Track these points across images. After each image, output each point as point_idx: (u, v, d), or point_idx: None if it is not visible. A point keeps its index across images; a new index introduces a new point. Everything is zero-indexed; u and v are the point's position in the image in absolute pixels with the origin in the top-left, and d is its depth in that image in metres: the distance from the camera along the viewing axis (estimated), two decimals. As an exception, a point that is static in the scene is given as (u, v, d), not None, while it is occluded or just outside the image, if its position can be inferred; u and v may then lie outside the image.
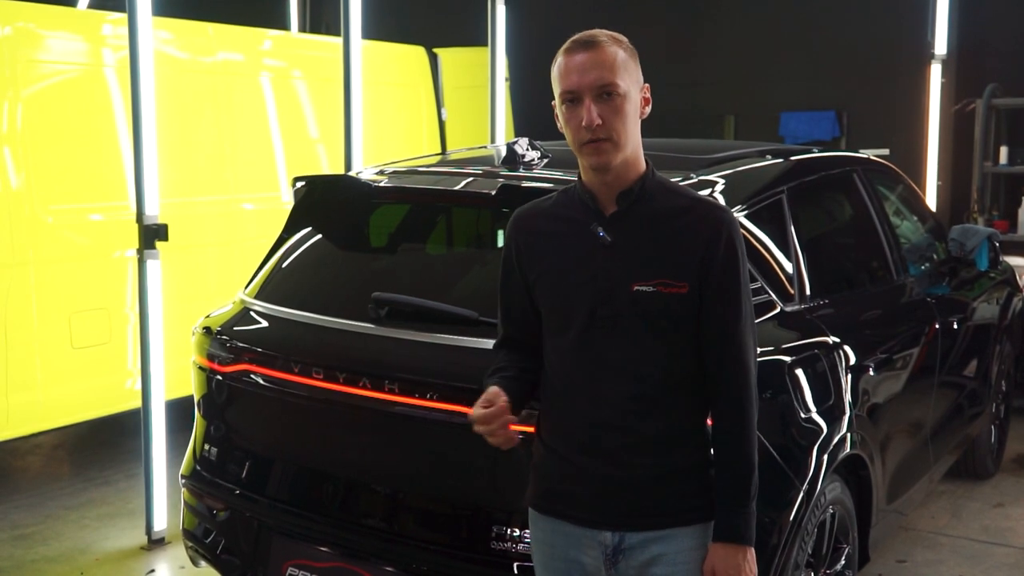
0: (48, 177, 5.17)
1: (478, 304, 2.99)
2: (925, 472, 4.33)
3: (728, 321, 2.23)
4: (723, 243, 2.20)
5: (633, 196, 2.22)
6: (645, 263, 2.19)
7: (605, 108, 2.14)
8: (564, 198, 2.32)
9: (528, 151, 3.59)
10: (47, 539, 4.75)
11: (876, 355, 3.73)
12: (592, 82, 2.14)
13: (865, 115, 8.06)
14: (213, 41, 6.11)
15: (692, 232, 2.21)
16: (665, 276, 2.18)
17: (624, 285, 2.18)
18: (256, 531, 3.25)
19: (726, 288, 2.22)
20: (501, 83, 6.97)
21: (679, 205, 2.25)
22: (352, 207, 3.62)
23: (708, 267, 2.19)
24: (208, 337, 3.43)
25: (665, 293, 2.17)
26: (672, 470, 2.23)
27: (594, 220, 2.23)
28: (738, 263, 2.23)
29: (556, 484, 2.31)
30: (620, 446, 2.22)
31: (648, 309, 2.18)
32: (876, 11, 7.88)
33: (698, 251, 2.19)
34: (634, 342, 2.20)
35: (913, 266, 4.47)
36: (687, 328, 2.21)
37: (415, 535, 2.98)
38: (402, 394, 2.91)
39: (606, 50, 2.16)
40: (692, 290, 2.18)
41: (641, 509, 2.23)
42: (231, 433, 3.43)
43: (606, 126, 2.14)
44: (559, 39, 2.28)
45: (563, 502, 2.30)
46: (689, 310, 2.20)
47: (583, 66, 2.15)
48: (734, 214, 2.28)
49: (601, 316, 2.20)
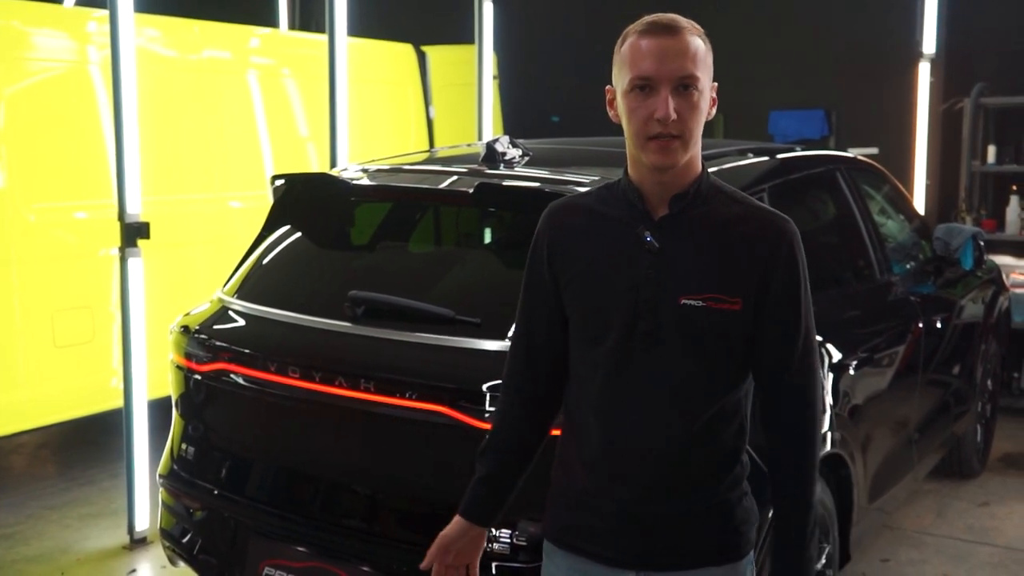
0: (31, 175, 5.15)
1: (456, 303, 2.98)
2: (909, 471, 4.32)
3: (787, 345, 2.01)
4: (784, 257, 1.98)
5: (687, 199, 1.99)
6: (695, 274, 1.96)
7: (682, 102, 1.90)
8: (606, 193, 2.07)
9: (509, 149, 3.58)
10: (28, 539, 4.73)
11: (858, 354, 3.72)
12: (673, 72, 1.90)
13: (854, 114, 8.06)
14: (199, 39, 6.08)
15: (750, 244, 1.97)
16: (717, 290, 1.95)
17: (670, 298, 1.95)
18: (233, 531, 3.23)
19: (786, 308, 1.99)
20: (489, 81, 6.95)
21: (736, 213, 2.01)
22: (331, 205, 3.61)
23: (766, 284, 1.97)
24: (186, 336, 3.41)
25: (715, 309, 1.95)
26: (706, 505, 2.03)
27: (641, 222, 1.99)
28: (799, 278, 2.00)
29: (575, 516, 2.10)
30: (651, 477, 2.00)
31: (695, 326, 1.95)
32: (865, 10, 7.87)
33: (756, 265, 1.97)
34: (676, 362, 1.97)
35: (897, 265, 4.46)
36: (736, 350, 2.00)
37: (392, 535, 2.97)
38: (378, 393, 2.89)
39: (689, 38, 1.92)
40: (746, 308, 1.96)
41: (669, 546, 2.02)
42: (208, 433, 3.41)
43: (680, 122, 1.90)
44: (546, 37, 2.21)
45: (582, 536, 2.08)
46: (741, 330, 1.98)
47: (663, 52, 1.90)
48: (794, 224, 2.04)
49: (642, 331, 1.97)
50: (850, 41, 7.93)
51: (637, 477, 2.01)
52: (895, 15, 7.62)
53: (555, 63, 8.87)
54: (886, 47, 7.75)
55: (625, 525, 2.03)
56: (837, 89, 8.04)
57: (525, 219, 3.29)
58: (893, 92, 7.68)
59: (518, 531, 2.75)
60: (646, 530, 2.03)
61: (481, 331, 2.89)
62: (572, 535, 2.11)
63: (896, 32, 7.61)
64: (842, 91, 8.03)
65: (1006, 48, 7.44)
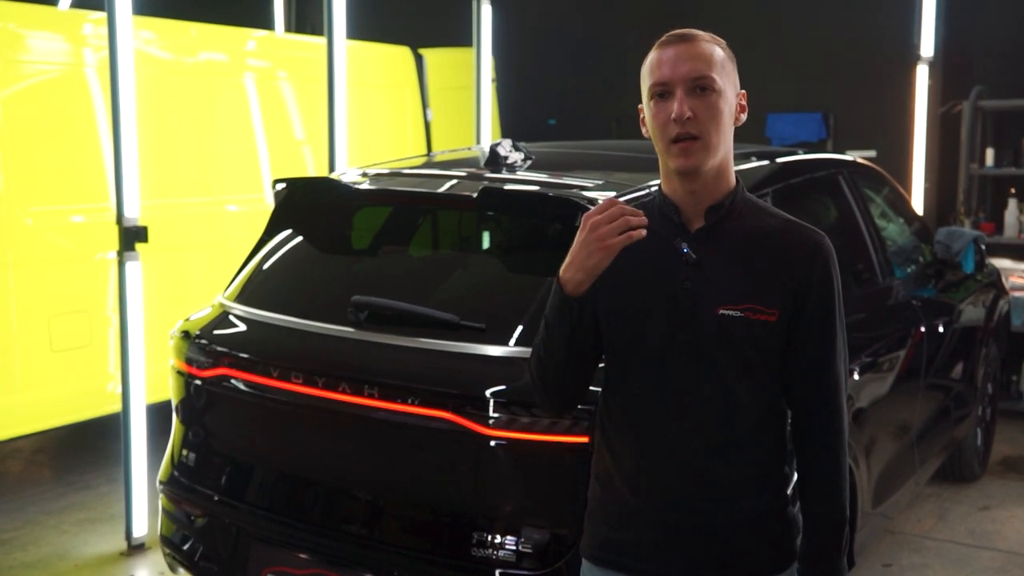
0: (28, 178, 5.12)
1: (459, 308, 2.96)
2: (911, 475, 4.31)
3: (819, 358, 2.02)
4: (819, 270, 2.00)
5: (723, 211, 2.01)
6: (733, 285, 1.98)
7: (698, 103, 1.94)
8: (642, 208, 2.03)
9: (511, 153, 3.56)
10: (25, 545, 4.69)
11: (861, 358, 3.71)
12: (686, 73, 1.94)
13: (852, 117, 8.06)
14: (196, 41, 6.05)
15: (786, 255, 2.00)
16: (755, 301, 1.97)
17: (709, 308, 1.97)
18: (235, 537, 3.20)
19: (819, 321, 2.01)
20: (487, 84, 6.93)
21: (772, 226, 2.04)
22: (333, 209, 3.58)
23: (802, 296, 1.99)
24: (186, 341, 3.39)
25: (753, 320, 1.96)
26: (748, 517, 2.02)
27: (677, 235, 2.01)
28: (833, 294, 2.02)
29: (615, 531, 2.08)
30: (691, 489, 2.01)
31: (733, 336, 1.97)
32: (863, 13, 7.87)
33: (792, 277, 1.98)
34: (714, 372, 1.98)
35: (899, 268, 4.45)
36: (773, 361, 2.01)
37: (395, 541, 2.94)
38: (382, 399, 2.87)
39: (702, 44, 1.98)
40: (782, 319, 1.98)
41: (711, 560, 2.02)
42: (209, 438, 3.39)
43: (697, 121, 1.93)
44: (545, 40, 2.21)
45: (623, 552, 2.07)
46: (777, 341, 1.99)
47: (678, 57, 1.96)
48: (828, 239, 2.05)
49: (680, 341, 1.98)
50: (848, 43, 7.92)
51: (678, 489, 2.02)
52: (893, 18, 7.63)
53: (552, 66, 8.86)
54: (884, 50, 7.76)
55: (669, 538, 2.03)
56: (835, 92, 8.04)
57: (528, 223, 3.31)
58: (891, 95, 7.69)
59: (523, 538, 2.73)
60: (690, 543, 2.02)
61: (485, 336, 2.87)
62: (613, 551, 2.09)
63: (894, 35, 7.61)
64: (840, 94, 8.02)
65: (1004, 51, 7.45)
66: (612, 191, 3.14)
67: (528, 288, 3.03)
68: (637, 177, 3.31)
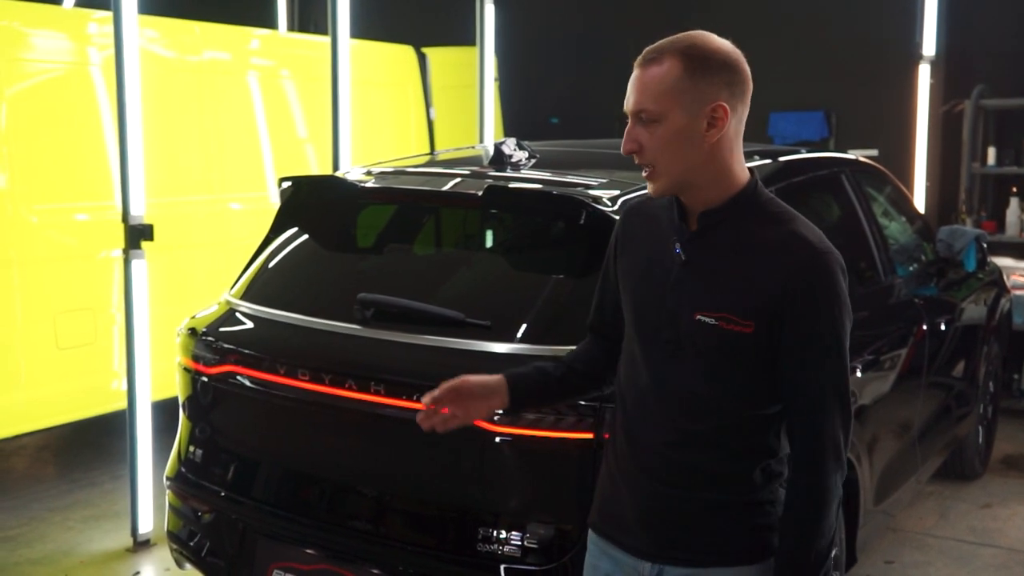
0: (33, 176, 5.14)
1: (465, 305, 2.98)
2: (913, 473, 4.32)
3: (805, 381, 1.97)
4: (803, 287, 1.93)
5: (716, 218, 2.00)
6: (713, 293, 1.98)
7: (644, 133, 1.98)
8: (667, 202, 2.10)
9: (516, 151, 3.58)
10: (31, 541, 4.71)
11: (863, 356, 3.72)
12: (632, 105, 1.99)
13: (854, 116, 8.07)
14: (200, 40, 6.07)
15: (770, 269, 1.95)
16: (730, 311, 1.95)
17: (688, 312, 1.99)
18: (241, 533, 3.22)
19: (804, 341, 1.95)
20: (490, 83, 6.95)
21: (771, 236, 1.98)
22: (338, 208, 3.60)
23: (782, 312, 1.93)
24: (193, 338, 3.40)
25: (726, 329, 1.95)
26: (722, 506, 2.04)
27: (677, 235, 2.05)
28: (820, 316, 1.94)
29: (607, 504, 2.20)
30: (666, 475, 2.06)
31: (706, 342, 1.98)
32: (865, 12, 7.88)
33: (771, 291, 1.93)
34: (691, 374, 2.01)
35: (901, 267, 4.47)
36: (750, 371, 1.98)
37: (401, 537, 2.96)
38: (388, 396, 2.89)
39: (655, 69, 1.96)
40: (759, 332, 1.94)
41: (683, 542, 2.06)
42: (216, 435, 3.40)
43: (644, 152, 1.99)
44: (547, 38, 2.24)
45: (612, 524, 2.17)
46: (755, 353, 1.96)
47: (631, 85, 2.00)
48: (835, 257, 1.99)
49: (663, 338, 2.03)
50: (850, 42, 7.93)
51: (655, 471, 2.09)
52: (895, 17, 7.64)
53: (554, 65, 8.87)
54: (886, 48, 7.76)
55: (644, 517, 2.11)
56: (837, 91, 8.05)
57: (534, 221, 3.33)
58: (893, 94, 7.70)
59: (528, 533, 2.75)
60: (663, 524, 2.09)
61: (491, 334, 2.88)
62: (605, 521, 2.21)
63: (896, 33, 7.62)
64: (842, 93, 8.03)
65: (1006, 50, 7.45)
66: (616, 189, 3.15)
67: (533, 286, 3.05)
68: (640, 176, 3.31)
